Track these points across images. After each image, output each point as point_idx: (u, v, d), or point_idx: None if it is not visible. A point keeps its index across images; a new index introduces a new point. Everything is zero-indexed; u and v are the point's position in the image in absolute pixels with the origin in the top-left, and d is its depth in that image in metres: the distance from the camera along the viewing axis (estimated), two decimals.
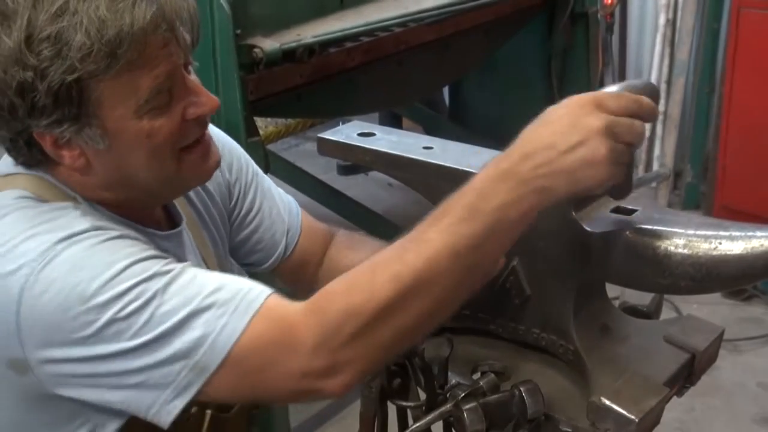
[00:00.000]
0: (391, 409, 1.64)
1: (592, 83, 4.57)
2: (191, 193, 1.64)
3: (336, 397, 1.31)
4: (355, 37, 3.04)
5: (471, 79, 4.77)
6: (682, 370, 1.57)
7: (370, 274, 1.28)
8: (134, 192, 1.44)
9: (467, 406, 1.44)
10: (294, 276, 1.82)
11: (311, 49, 2.81)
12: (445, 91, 5.22)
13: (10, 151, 1.40)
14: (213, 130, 1.64)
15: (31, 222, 1.33)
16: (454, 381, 1.54)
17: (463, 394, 1.47)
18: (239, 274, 1.69)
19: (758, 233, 1.36)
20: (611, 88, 1.35)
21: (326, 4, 3.12)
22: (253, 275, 1.76)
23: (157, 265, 1.31)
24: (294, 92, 2.91)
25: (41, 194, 1.40)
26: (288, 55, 2.74)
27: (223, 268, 1.68)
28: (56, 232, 1.31)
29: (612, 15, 5.17)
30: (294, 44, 2.76)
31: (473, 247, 1.27)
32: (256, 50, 2.67)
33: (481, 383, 1.50)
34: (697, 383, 1.62)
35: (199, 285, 1.30)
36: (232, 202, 1.72)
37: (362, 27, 3.05)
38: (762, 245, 1.34)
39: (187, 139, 1.41)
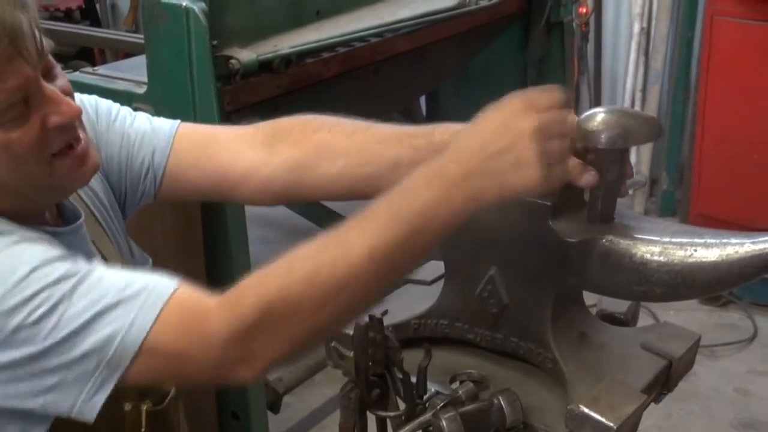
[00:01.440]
0: (371, 420, 1.63)
1: (568, 91, 4.59)
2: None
3: (248, 383, 1.35)
4: (331, 47, 3.04)
5: (447, 88, 4.77)
6: (659, 376, 1.57)
7: (286, 270, 1.30)
8: (14, 197, 1.43)
9: (446, 416, 1.44)
10: (201, 185, 1.72)
11: (288, 60, 2.81)
12: (422, 100, 5.22)
13: None
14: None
15: None
16: (432, 390, 1.54)
17: (442, 404, 1.47)
18: (138, 259, 1.72)
19: (732, 240, 1.37)
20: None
21: (303, 14, 3.12)
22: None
23: (62, 267, 1.32)
24: (271, 103, 2.90)
25: None
26: (265, 65, 2.74)
27: (123, 255, 1.68)
28: None
29: (587, 24, 5.20)
30: (271, 55, 2.76)
31: (394, 252, 1.28)
32: (232, 61, 2.67)
33: (460, 392, 1.50)
34: (674, 389, 1.63)
35: (107, 284, 1.32)
36: (107, 157, 1.68)
37: (339, 37, 3.05)
38: (736, 252, 1.36)
39: (52, 147, 1.41)
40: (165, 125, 1.72)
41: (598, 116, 1.40)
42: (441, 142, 1.53)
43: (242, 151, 1.69)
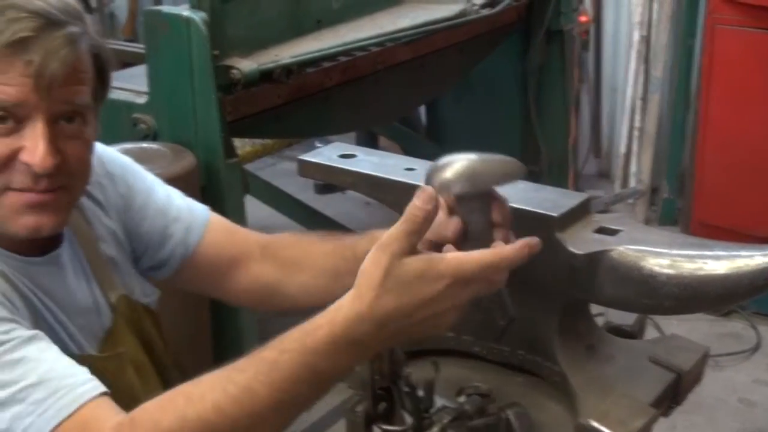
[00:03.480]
0: None
1: (569, 100, 4.58)
2: (87, 211, 1.61)
3: None
4: (332, 57, 3.05)
5: (448, 97, 4.78)
6: (668, 390, 1.57)
7: (184, 402, 1.26)
8: None
9: (453, 430, 1.43)
10: (210, 279, 1.77)
11: (289, 70, 2.81)
12: (422, 109, 5.22)
13: None
14: (105, 152, 1.65)
15: None
16: (439, 404, 1.53)
17: (449, 418, 1.46)
18: (143, 288, 1.70)
19: (743, 253, 1.37)
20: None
21: (303, 24, 3.12)
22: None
23: None
24: (272, 112, 2.91)
25: None
26: (266, 75, 2.75)
27: (125, 283, 1.65)
28: None
29: (587, 32, 5.20)
30: (272, 65, 2.76)
31: (297, 402, 1.26)
32: (233, 71, 2.67)
33: (467, 406, 1.49)
34: (682, 403, 1.62)
35: (23, 371, 1.27)
36: (129, 213, 1.69)
37: (339, 47, 3.06)
38: (746, 265, 1.35)
39: (10, 179, 1.37)
40: (198, 206, 1.77)
41: (447, 166, 1.38)
42: (363, 253, 1.53)
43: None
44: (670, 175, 4.96)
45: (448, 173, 1.38)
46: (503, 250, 1.26)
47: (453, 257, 1.23)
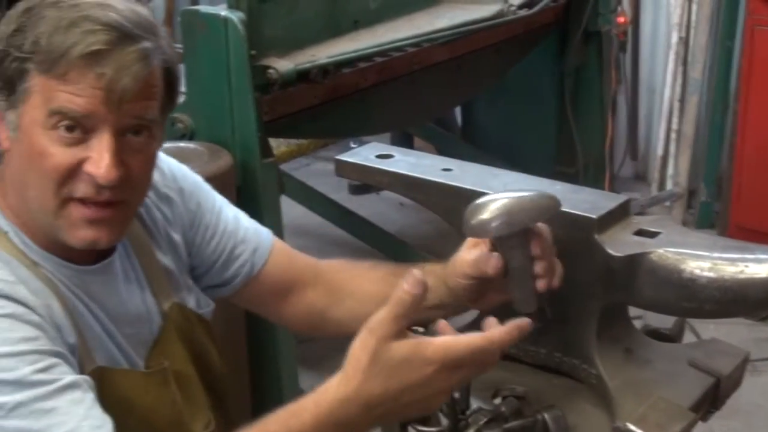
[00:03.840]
0: None
1: (605, 102, 4.56)
2: (148, 221, 1.63)
3: None
4: (368, 57, 3.05)
5: (483, 98, 4.77)
6: (707, 394, 1.56)
7: None
8: (25, 207, 1.42)
9: None
10: (269, 301, 1.80)
11: (325, 70, 2.82)
12: (458, 110, 5.22)
13: None
14: (177, 168, 1.69)
15: None
16: (475, 406, 1.53)
17: (485, 420, 1.46)
18: (198, 300, 1.70)
19: None
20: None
21: (340, 24, 3.13)
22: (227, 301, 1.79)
23: (26, 369, 1.28)
24: (308, 112, 2.92)
25: None
26: (302, 75, 2.76)
27: (179, 292, 1.67)
28: None
29: (625, 33, 5.15)
30: (308, 65, 2.77)
31: None
32: (270, 71, 2.68)
33: (503, 408, 1.48)
34: (721, 408, 1.61)
35: (49, 423, 1.27)
36: (195, 229, 1.71)
37: (376, 47, 3.06)
38: None
39: (73, 188, 1.38)
40: (263, 229, 1.79)
41: (484, 207, 1.41)
42: None
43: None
44: (708, 178, 4.92)
45: (486, 214, 1.41)
46: (493, 333, 1.25)
47: (441, 342, 1.23)
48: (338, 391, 1.23)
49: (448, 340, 1.23)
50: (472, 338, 1.23)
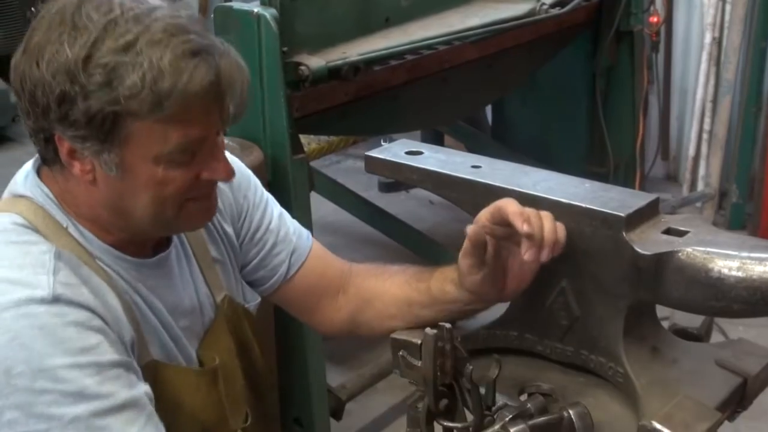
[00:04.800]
0: (438, 430, 1.60)
1: (637, 102, 4.55)
2: None
3: None
4: (399, 55, 3.06)
5: (514, 97, 4.77)
6: (734, 394, 1.55)
7: None
8: (126, 222, 1.45)
9: (515, 428, 1.43)
10: (303, 303, 1.83)
11: (356, 67, 2.82)
12: (488, 109, 5.22)
13: (30, 136, 1.43)
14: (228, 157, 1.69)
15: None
16: (501, 402, 1.52)
17: (510, 416, 1.45)
18: (244, 293, 1.75)
19: None
20: None
21: (371, 22, 3.14)
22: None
23: (88, 380, 1.31)
24: (338, 110, 2.93)
25: (35, 222, 1.43)
26: (333, 72, 2.76)
27: (229, 285, 1.70)
28: (15, 288, 1.33)
29: (657, 33, 5.14)
30: (340, 62, 2.78)
31: None
32: (302, 68, 2.70)
33: (529, 405, 1.48)
34: (748, 408, 1.60)
35: None
36: (241, 221, 1.74)
37: (407, 45, 3.07)
38: None
39: (195, 194, 1.44)
40: (304, 231, 1.83)
41: None
42: (435, 289, 1.67)
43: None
44: (740, 179, 4.90)
45: None
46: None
47: None
48: None
49: None
50: None
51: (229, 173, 1.46)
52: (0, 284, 1.34)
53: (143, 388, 1.38)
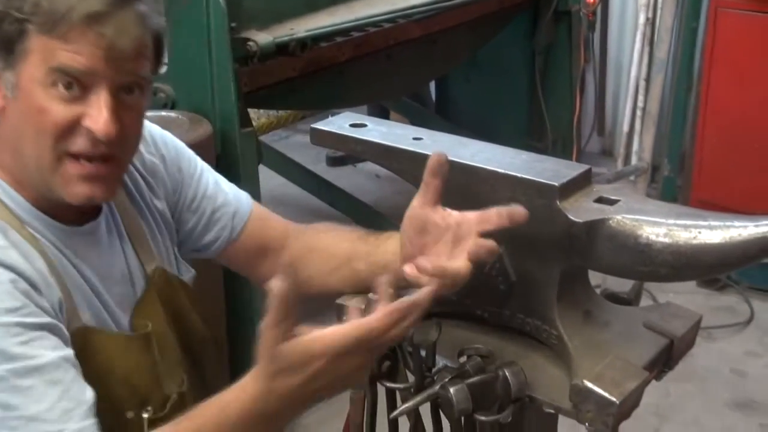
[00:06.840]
0: (381, 391, 1.67)
1: (574, 79, 4.63)
2: (131, 187, 1.66)
3: None
4: (345, 32, 3.09)
5: (457, 74, 4.81)
6: (661, 354, 1.59)
7: None
8: (21, 166, 1.45)
9: (454, 388, 1.47)
10: (248, 262, 1.84)
11: (303, 43, 2.85)
12: (432, 85, 5.26)
13: None
14: (159, 134, 1.73)
15: None
16: (441, 364, 1.56)
17: (450, 377, 1.49)
18: (178, 267, 1.75)
19: (736, 223, 1.40)
20: None
21: None
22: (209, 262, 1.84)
23: (12, 340, 1.31)
24: (287, 85, 2.95)
25: None
26: (281, 48, 2.79)
27: (161, 257, 1.70)
28: None
29: (594, 13, 5.19)
30: (287, 38, 2.80)
31: None
32: (250, 43, 2.72)
33: (467, 366, 1.52)
34: (674, 368, 1.65)
35: (25, 401, 1.30)
36: (177, 194, 1.75)
37: (353, 22, 3.10)
38: (739, 235, 1.38)
39: (70, 143, 1.42)
40: (243, 193, 1.84)
41: None
42: (385, 240, 1.69)
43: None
44: (671, 154, 4.99)
45: None
46: (362, 322, 1.27)
47: (320, 338, 1.26)
48: (254, 388, 1.29)
49: (326, 335, 1.26)
50: (347, 330, 1.26)
51: (108, 130, 1.40)
52: None
53: (69, 352, 1.38)
